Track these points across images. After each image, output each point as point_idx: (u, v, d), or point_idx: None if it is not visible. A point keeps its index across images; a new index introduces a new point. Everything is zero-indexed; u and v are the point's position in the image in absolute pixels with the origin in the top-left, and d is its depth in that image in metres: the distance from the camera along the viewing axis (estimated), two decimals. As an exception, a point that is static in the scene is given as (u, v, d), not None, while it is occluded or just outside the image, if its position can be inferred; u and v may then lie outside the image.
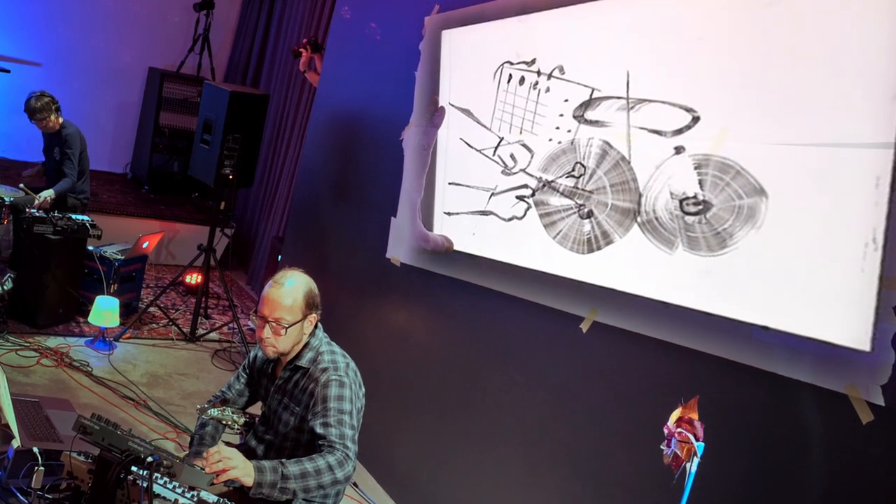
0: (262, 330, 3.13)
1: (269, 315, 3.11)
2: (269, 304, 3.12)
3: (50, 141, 6.55)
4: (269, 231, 7.94)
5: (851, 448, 2.69)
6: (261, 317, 3.13)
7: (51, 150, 6.54)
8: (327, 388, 3.07)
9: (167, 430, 4.97)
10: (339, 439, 2.95)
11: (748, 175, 3.04)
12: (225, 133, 6.10)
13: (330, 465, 2.87)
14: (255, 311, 3.19)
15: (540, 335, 3.91)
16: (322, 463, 2.87)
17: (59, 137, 6.43)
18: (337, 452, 2.91)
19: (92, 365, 5.56)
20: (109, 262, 6.23)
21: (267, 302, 3.13)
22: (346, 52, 5.57)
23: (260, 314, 3.14)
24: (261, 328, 3.14)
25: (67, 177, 6.39)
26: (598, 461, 3.58)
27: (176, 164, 8.86)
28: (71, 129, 6.44)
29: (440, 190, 4.55)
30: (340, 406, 3.04)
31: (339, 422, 2.99)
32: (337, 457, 2.90)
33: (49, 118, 6.30)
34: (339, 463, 2.89)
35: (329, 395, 3.05)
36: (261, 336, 3.14)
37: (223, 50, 9.49)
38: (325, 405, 3.03)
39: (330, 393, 3.06)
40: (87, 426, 2.64)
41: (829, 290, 2.79)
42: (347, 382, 3.10)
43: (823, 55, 2.88)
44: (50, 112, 6.28)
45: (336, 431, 2.96)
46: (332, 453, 2.91)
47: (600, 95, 3.64)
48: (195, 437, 3.38)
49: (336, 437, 2.95)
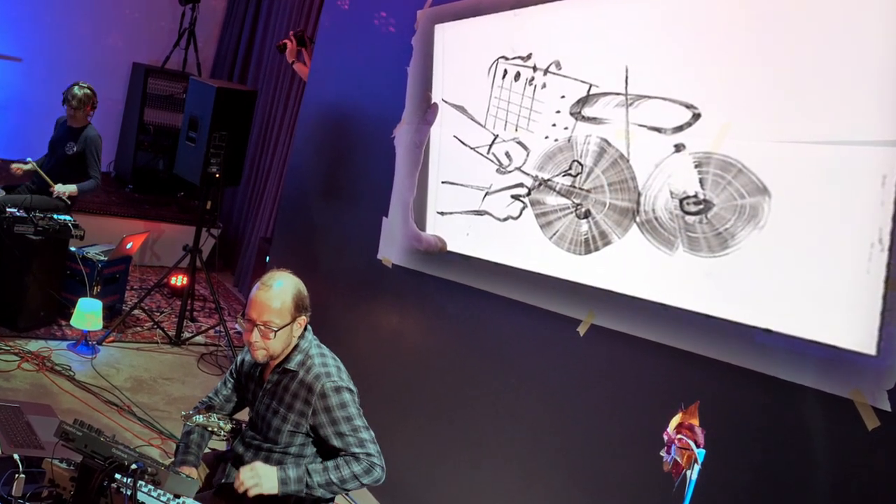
0: (251, 333, 3.13)
1: (257, 318, 3.11)
2: (256, 307, 3.12)
3: (66, 134, 6.50)
4: (256, 231, 7.92)
5: (857, 455, 2.69)
6: (249, 320, 3.13)
7: (63, 143, 6.48)
8: (326, 398, 3.12)
9: (152, 436, 4.96)
10: (360, 447, 3.10)
11: (750, 173, 3.03)
12: (211, 130, 6.08)
13: (355, 474, 3.07)
14: (243, 314, 3.19)
15: (536, 338, 3.90)
16: (347, 473, 3.07)
17: (80, 135, 6.41)
18: (362, 462, 3.08)
19: (74, 369, 5.54)
20: (92, 264, 6.20)
21: (255, 305, 3.12)
22: (336, 46, 5.56)
23: (248, 317, 3.13)
24: (249, 332, 3.14)
25: (92, 178, 6.44)
26: (596, 468, 3.57)
27: (161, 163, 8.82)
28: (94, 133, 6.45)
29: (433, 189, 4.54)
30: (347, 413, 3.13)
31: (353, 430, 3.12)
32: (363, 466, 3.08)
33: (81, 111, 6.37)
34: (365, 472, 3.08)
35: (331, 406, 3.12)
36: (249, 340, 3.14)
37: (209, 45, 9.44)
38: (332, 416, 3.12)
39: (331, 403, 3.12)
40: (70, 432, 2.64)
41: (834, 291, 2.79)
42: (343, 386, 3.15)
43: (829, 49, 2.88)
44: (86, 106, 6.37)
45: (353, 440, 3.11)
46: (357, 462, 3.08)
47: (598, 91, 3.64)
48: (181, 445, 3.38)
49: (356, 445, 3.10)
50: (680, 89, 3.32)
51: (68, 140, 6.47)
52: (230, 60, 9.22)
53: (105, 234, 7.05)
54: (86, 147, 6.41)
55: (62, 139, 6.52)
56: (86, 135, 6.42)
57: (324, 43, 5.76)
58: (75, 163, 6.44)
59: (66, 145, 6.47)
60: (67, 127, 6.50)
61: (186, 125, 6.34)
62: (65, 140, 6.49)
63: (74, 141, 6.43)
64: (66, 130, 6.51)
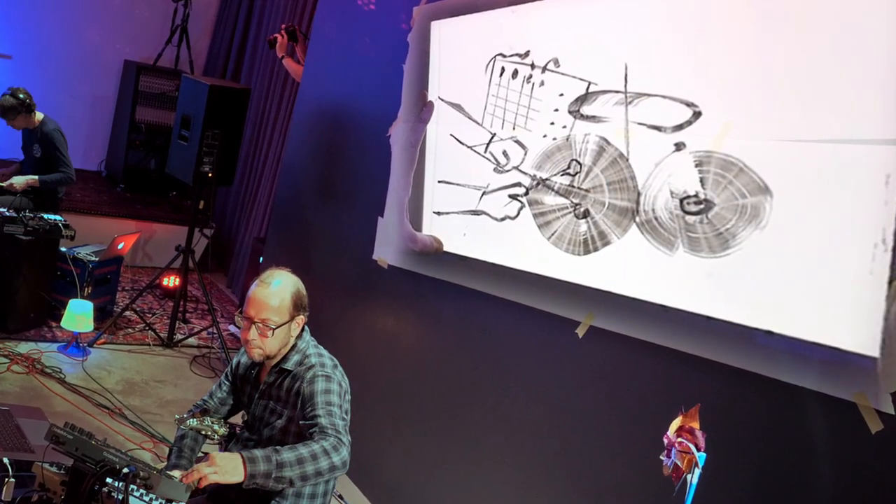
0: (248, 331, 3.12)
1: (255, 316, 3.10)
2: (255, 305, 3.11)
3: (29, 138, 6.53)
4: (250, 232, 7.91)
5: (860, 458, 2.68)
6: (246, 318, 3.12)
7: (30, 147, 6.52)
8: (313, 383, 3.09)
9: (143, 439, 4.95)
10: (331, 427, 2.95)
11: (752, 173, 3.03)
12: (204, 129, 6.07)
13: (325, 449, 2.85)
14: (241, 311, 3.18)
15: (534, 341, 3.89)
16: (317, 447, 2.85)
17: (40, 135, 6.40)
18: (330, 438, 2.89)
19: (65, 371, 5.54)
20: (83, 264, 6.19)
21: (253, 302, 3.12)
22: (331, 43, 5.55)
23: (246, 315, 3.13)
24: (246, 329, 3.13)
25: (60, 171, 6.39)
26: (595, 472, 3.57)
27: (153, 162, 8.82)
28: (51, 126, 6.41)
29: (429, 188, 4.53)
30: (328, 399, 3.05)
31: (328, 413, 3.00)
32: (331, 441, 2.88)
33: (18, 119, 6.30)
34: (333, 448, 2.87)
35: (316, 390, 3.07)
36: (246, 338, 3.14)
37: (202, 42, 9.43)
38: (313, 400, 3.04)
39: (317, 388, 3.07)
40: (60, 436, 2.63)
41: (837, 292, 2.78)
42: (334, 378, 3.13)
43: (832, 45, 2.87)
44: (18, 113, 6.26)
45: (326, 420, 2.97)
46: (325, 438, 2.89)
47: (597, 89, 3.63)
48: (173, 448, 3.37)
49: (327, 424, 2.95)
50: (680, 87, 3.31)
51: (32, 143, 6.51)
52: (223, 58, 9.20)
53: (96, 234, 7.04)
54: (47, 145, 6.41)
55: (27, 144, 6.58)
56: (42, 132, 6.41)
57: (318, 40, 5.75)
58: (45, 163, 6.45)
59: (32, 149, 6.51)
60: (29, 131, 6.51)
61: (179, 123, 6.32)
62: (29, 144, 6.55)
63: (37, 142, 6.45)
64: (29, 134, 6.55)
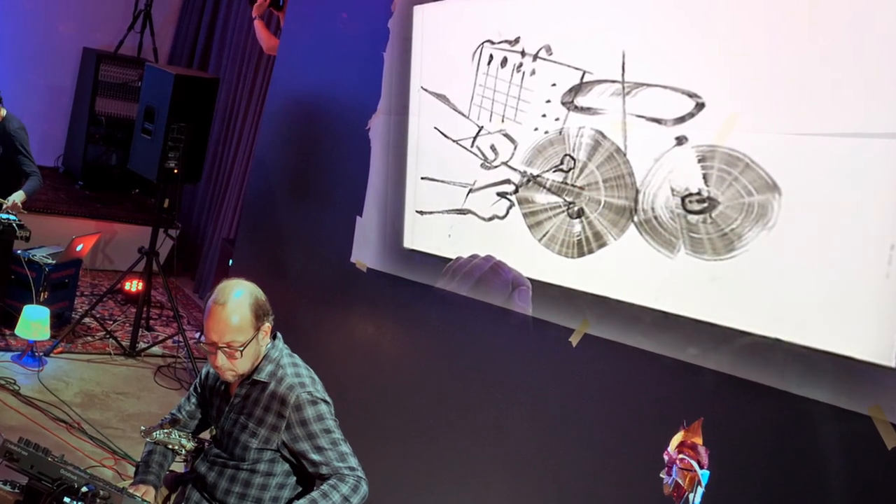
0: (216, 357, 3.09)
1: (218, 341, 3.07)
2: (215, 329, 3.07)
3: None
4: (218, 232, 7.92)
5: (875, 477, 2.68)
6: (210, 343, 3.08)
7: None
8: (301, 410, 3.10)
9: (104, 456, 4.96)
10: (342, 461, 3.07)
11: (759, 169, 3.03)
12: (169, 122, 6.08)
13: (345, 496, 3.02)
14: (201, 336, 3.15)
15: (524, 349, 3.89)
16: (338, 498, 3.00)
17: (2, 133, 6.32)
18: (348, 480, 3.04)
19: (19, 383, 5.54)
20: (39, 268, 6.20)
21: (213, 326, 3.07)
22: (306, 29, 5.54)
23: (208, 341, 3.09)
24: (213, 355, 3.10)
25: (32, 175, 6.33)
26: (590, 490, 3.56)
27: (114, 157, 8.85)
28: (15, 125, 6.35)
29: (411, 186, 4.53)
30: (325, 426, 3.12)
31: (332, 442, 3.10)
32: (350, 484, 3.05)
33: None
34: (353, 490, 3.03)
35: (307, 418, 3.10)
36: (216, 365, 3.11)
37: (167, 28, 9.45)
38: (308, 429, 3.09)
39: (307, 415, 3.10)
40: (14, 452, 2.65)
41: (850, 298, 2.78)
42: (318, 397, 3.15)
43: (844, 32, 2.87)
44: None
45: (334, 454, 3.08)
46: (344, 482, 3.04)
47: (592, 79, 3.63)
48: (140, 464, 3.39)
49: (337, 459, 3.07)
50: (682, 77, 3.31)
51: None
52: (190, 45, 9.22)
53: (53, 235, 7.03)
54: (9, 144, 6.34)
55: None
56: (6, 130, 6.33)
57: (293, 25, 5.74)
58: (8, 163, 6.38)
59: None
60: None
61: (142, 116, 6.32)
62: None
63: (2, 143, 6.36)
64: None
